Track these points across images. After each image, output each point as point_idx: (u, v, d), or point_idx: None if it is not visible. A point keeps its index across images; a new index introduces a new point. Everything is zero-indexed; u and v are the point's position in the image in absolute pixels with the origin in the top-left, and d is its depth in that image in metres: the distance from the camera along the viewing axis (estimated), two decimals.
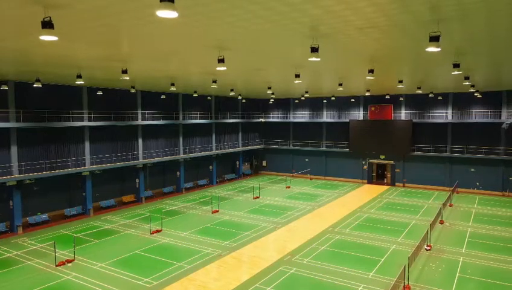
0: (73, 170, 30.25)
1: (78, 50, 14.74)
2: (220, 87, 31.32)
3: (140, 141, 36.43)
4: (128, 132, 35.56)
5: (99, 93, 31.48)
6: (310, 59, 12.43)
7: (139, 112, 36.12)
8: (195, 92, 35.72)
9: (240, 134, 50.49)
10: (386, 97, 41.00)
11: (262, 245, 23.99)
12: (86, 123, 31.03)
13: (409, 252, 22.12)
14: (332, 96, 42.85)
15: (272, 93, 38.03)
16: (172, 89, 26.76)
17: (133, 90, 30.66)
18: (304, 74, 20.38)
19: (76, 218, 30.52)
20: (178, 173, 41.05)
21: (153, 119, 37.65)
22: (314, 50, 12.15)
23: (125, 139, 35.36)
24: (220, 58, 14.36)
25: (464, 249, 23.18)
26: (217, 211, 32.34)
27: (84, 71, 19.82)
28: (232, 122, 48.77)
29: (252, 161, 54.10)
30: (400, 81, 24.02)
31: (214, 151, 45.43)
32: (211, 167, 45.54)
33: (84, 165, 31.31)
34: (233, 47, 14.12)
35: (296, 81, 20.43)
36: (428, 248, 22.79)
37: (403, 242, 24.42)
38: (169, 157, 39.27)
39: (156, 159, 37.69)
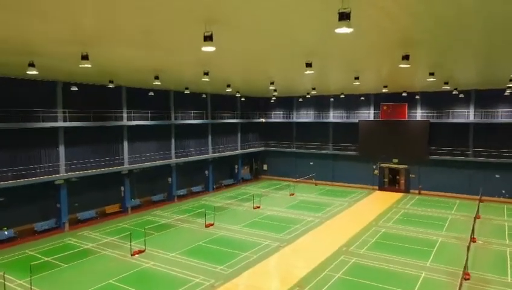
0: (45, 178, 26.10)
1: (28, 27, 10.74)
2: (214, 82, 27.21)
3: (125, 143, 32.27)
4: (112, 133, 31.40)
5: (74, 89, 27.29)
6: (337, 30, 8.32)
7: (124, 111, 31.96)
8: (186, 89, 31.55)
9: (239, 135, 46.35)
10: (403, 94, 36.81)
11: (264, 271, 19.85)
12: (60, 124, 26.89)
13: (443, 283, 18.03)
14: (342, 93, 38.65)
15: (275, 90, 33.88)
16: (157, 83, 22.61)
17: (111, 85, 26.42)
18: (316, 64, 16.30)
19: (49, 233, 26.36)
20: (170, 180, 36.92)
21: (141, 119, 33.48)
22: (345, 17, 8.03)
23: (108, 142, 31.19)
24: (206, 34, 10.26)
25: (509, 277, 19.06)
26: (212, 225, 28.21)
27: (38, 59, 15.69)
28: (230, 123, 44.62)
29: (251, 164, 49.97)
30: (432, 74, 19.91)
31: (210, 155, 41.30)
32: (206, 172, 41.41)
33: (58, 173, 27.14)
34: (225, 21, 10.09)
35: (308, 72, 16.32)
36: (467, 277, 18.65)
37: (433, 267, 20.26)
38: (159, 162, 35.14)
39: (144, 164, 33.53)
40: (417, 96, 38.63)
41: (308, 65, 16.02)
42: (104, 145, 30.78)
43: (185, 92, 35.15)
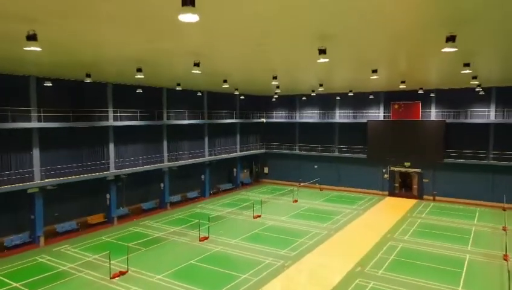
0: (15, 186, 22.89)
1: None
2: (207, 77, 24.00)
3: (111, 146, 29.07)
4: (96, 135, 28.21)
5: (48, 84, 24.05)
6: None
7: (110, 110, 28.77)
8: (178, 85, 28.26)
9: (238, 136, 43.15)
10: (416, 92, 33.58)
11: None
12: (34, 124, 23.69)
13: None
14: (350, 91, 35.41)
15: (277, 86, 30.65)
16: (140, 76, 19.36)
17: (88, 80, 23.09)
18: (330, 50, 13.09)
19: (20, 250, 23.14)
20: (162, 185, 33.72)
21: (129, 119, 30.28)
22: None
23: (91, 145, 28.00)
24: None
25: None
26: (207, 238, 25.01)
27: None
28: (229, 123, 41.40)
29: (251, 167, 46.76)
30: (467, 65, 16.64)
31: (207, 158, 38.09)
32: (202, 177, 38.20)
33: (33, 180, 23.93)
34: None
35: (321, 60, 13.09)
36: None
37: None
38: (150, 167, 31.93)
39: (132, 169, 30.29)
40: (432, 94, 35.38)
41: (322, 52, 12.81)
42: (86, 149, 27.57)
43: (178, 89, 31.93)
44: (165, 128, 33.82)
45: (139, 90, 29.29)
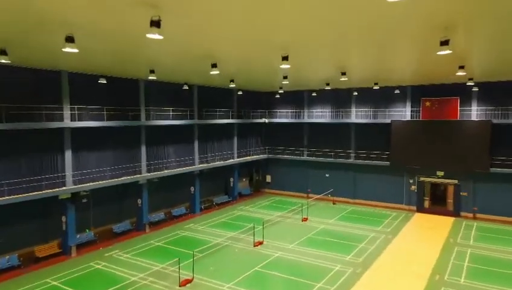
0: None
1: None
2: (194, 62, 17.25)
3: (68, 154, 22.35)
4: (45, 140, 21.50)
5: None
6: None
7: (67, 107, 22.05)
8: (152, 72, 21.21)
9: (236, 140, 36.42)
10: (453, 86, 26.82)
11: None
12: None
13: None
14: (375, 83, 28.46)
15: (285, 77, 23.68)
16: (70, 50, 12.60)
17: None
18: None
19: None
20: (139, 201, 27.04)
21: (94, 118, 23.57)
22: None
23: (38, 154, 21.30)
24: None
25: None
26: (190, 281, 18.32)
27: None
28: (224, 124, 34.67)
29: (251, 175, 40.06)
30: None
31: (197, 166, 31.39)
32: (192, 189, 31.51)
33: None
34: None
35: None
36: None
37: None
38: (123, 179, 25.26)
39: (95, 184, 23.55)
40: (475, 88, 28.57)
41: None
42: (26, 160, 20.82)
43: (157, 80, 25.25)
44: (143, 130, 27.10)
45: (103, 81, 22.36)
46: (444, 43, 11.65)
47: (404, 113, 32.51)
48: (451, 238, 24.92)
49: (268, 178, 40.31)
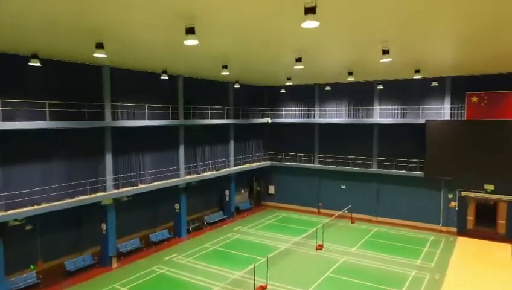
0: None
1: None
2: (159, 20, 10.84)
3: None
4: None
5: None
6: None
7: None
8: (100, 48, 14.47)
9: (232, 144, 29.95)
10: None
11: None
12: None
13: None
14: (417, 71, 21.48)
15: (298, 60, 16.81)
16: None
17: None
18: None
19: None
20: (103, 227, 20.61)
21: (34, 117, 17.05)
22: None
23: None
24: None
25: None
26: None
27: None
28: (218, 125, 28.20)
29: (251, 185, 33.64)
30: None
31: (183, 178, 24.95)
32: (177, 206, 25.09)
33: None
34: None
35: None
36: None
37: None
38: (78, 200, 18.81)
39: (37, 209, 17.12)
40: None
41: None
42: None
43: (129, 69, 18.79)
44: (109, 133, 20.59)
45: (36, 64, 15.63)
46: None
47: (442, 111, 26.03)
48: None
49: (272, 189, 33.85)
